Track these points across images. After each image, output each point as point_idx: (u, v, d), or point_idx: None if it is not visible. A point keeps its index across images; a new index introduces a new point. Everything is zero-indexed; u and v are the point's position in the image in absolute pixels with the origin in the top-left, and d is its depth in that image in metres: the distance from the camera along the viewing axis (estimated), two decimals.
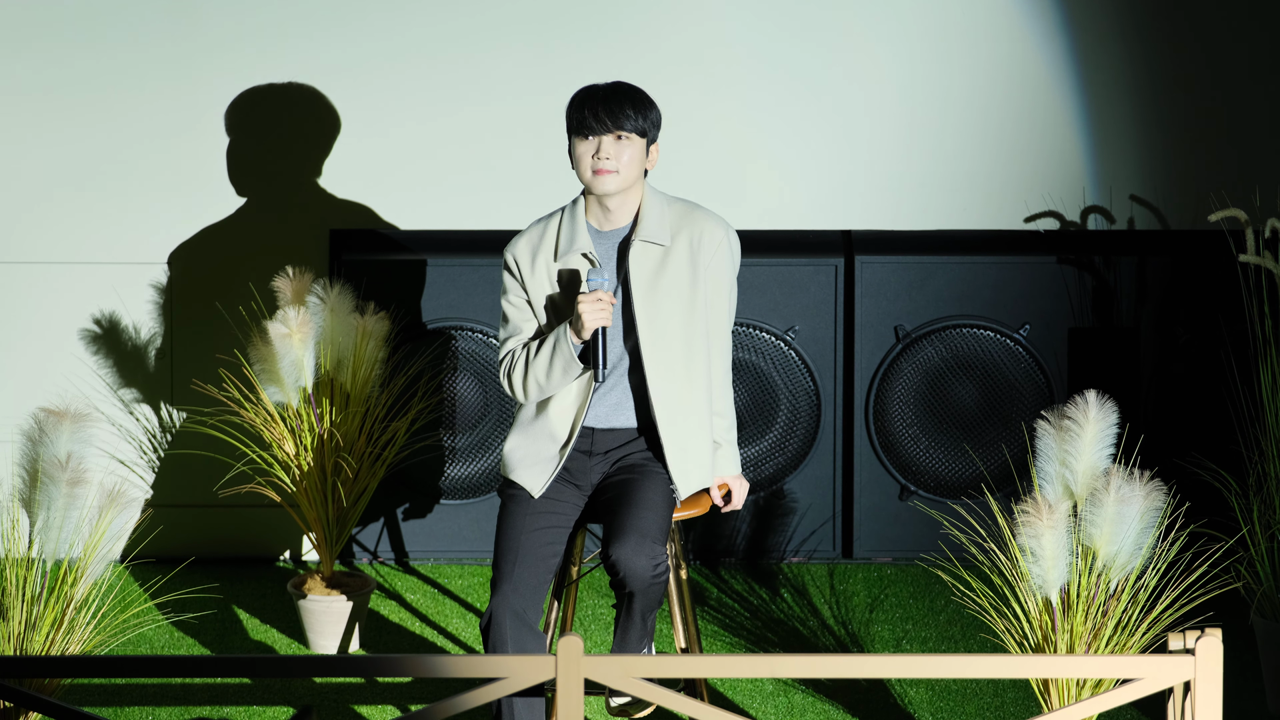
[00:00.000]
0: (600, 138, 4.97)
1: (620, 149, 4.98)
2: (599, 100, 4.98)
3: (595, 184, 4.99)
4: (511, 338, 5.08)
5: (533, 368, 5.01)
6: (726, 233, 5.07)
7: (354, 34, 6.66)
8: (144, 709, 5.61)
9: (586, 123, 4.97)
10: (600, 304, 4.92)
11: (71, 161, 6.66)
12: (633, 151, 4.98)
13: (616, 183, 4.98)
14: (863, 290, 6.66)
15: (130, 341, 6.72)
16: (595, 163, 4.98)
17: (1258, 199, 6.62)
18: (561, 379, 4.99)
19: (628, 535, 4.84)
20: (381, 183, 6.72)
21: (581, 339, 4.95)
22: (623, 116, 4.96)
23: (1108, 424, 4.86)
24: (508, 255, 5.09)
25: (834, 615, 6.30)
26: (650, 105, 5.02)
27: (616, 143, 4.98)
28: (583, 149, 4.99)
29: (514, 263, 5.08)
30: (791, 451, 6.70)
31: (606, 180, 4.98)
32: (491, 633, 4.84)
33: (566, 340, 4.95)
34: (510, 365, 5.06)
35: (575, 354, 4.95)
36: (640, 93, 5.02)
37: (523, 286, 5.07)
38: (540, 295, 5.07)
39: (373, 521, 6.73)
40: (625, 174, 4.98)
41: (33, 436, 4.92)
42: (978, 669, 4.11)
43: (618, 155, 4.98)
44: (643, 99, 5.01)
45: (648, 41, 6.67)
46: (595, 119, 4.96)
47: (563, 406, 5.06)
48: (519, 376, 5.04)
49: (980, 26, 6.69)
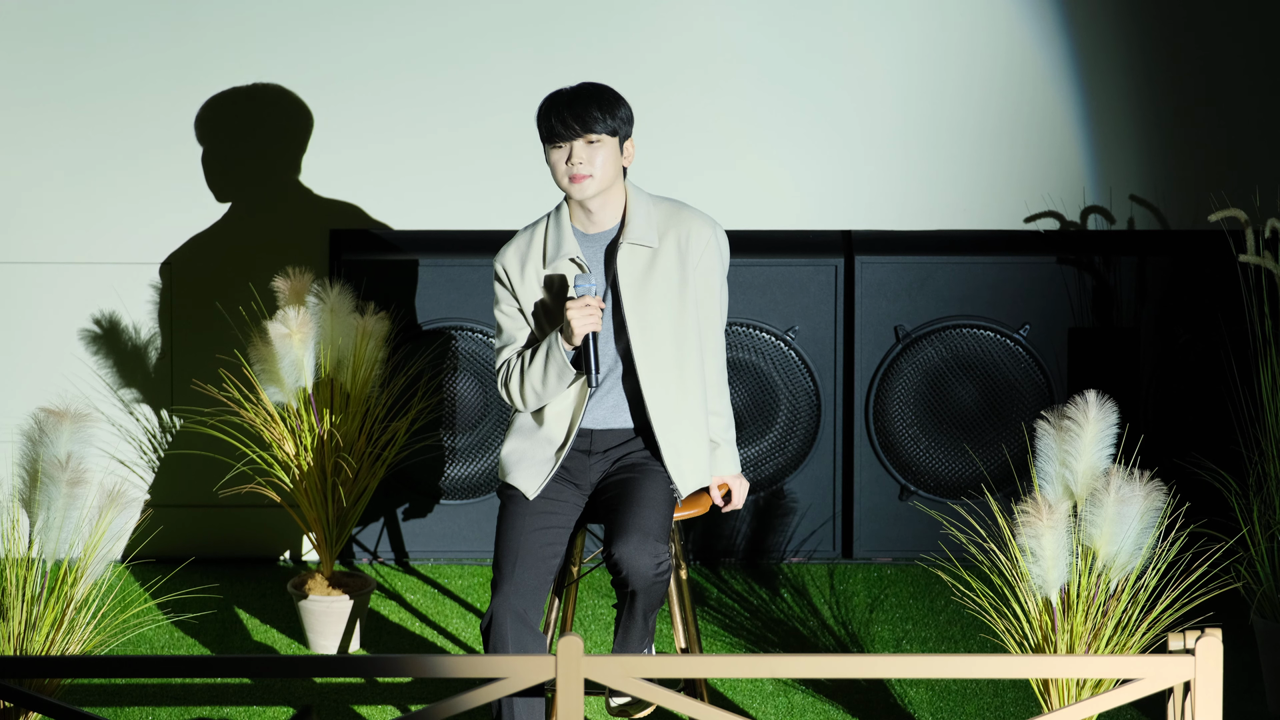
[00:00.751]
0: (571, 144, 4.96)
1: (593, 152, 4.97)
2: (565, 106, 4.95)
3: (573, 190, 4.99)
4: (507, 347, 5.08)
5: (528, 377, 5.01)
6: (714, 231, 5.07)
7: (354, 36, 6.66)
8: (144, 709, 5.61)
9: (555, 130, 4.95)
10: (589, 309, 4.92)
11: (72, 161, 6.66)
12: (606, 153, 4.97)
13: (594, 186, 4.98)
14: (863, 290, 6.66)
15: (130, 341, 6.72)
16: (570, 169, 4.97)
17: (1258, 199, 6.62)
18: (557, 386, 4.99)
19: (630, 534, 4.84)
20: (382, 183, 6.71)
21: (572, 345, 4.95)
22: (590, 119, 4.95)
23: (1108, 424, 4.86)
24: (497, 265, 5.09)
25: (834, 615, 6.30)
26: (618, 103, 4.99)
27: (588, 147, 4.96)
28: (556, 156, 4.98)
29: (504, 272, 5.08)
30: (791, 451, 6.70)
31: (584, 185, 4.97)
32: (492, 634, 4.84)
33: (558, 347, 4.95)
34: (507, 375, 5.07)
35: (568, 360, 4.95)
36: (606, 92, 4.99)
37: (514, 295, 5.08)
38: (531, 302, 5.07)
39: (373, 521, 6.73)
40: (601, 176, 4.98)
41: (33, 436, 4.92)
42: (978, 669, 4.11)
43: (590, 159, 4.96)
44: (609, 98, 4.98)
45: (648, 42, 6.67)
46: (564, 125, 4.94)
47: (559, 410, 5.06)
48: (515, 386, 5.05)
49: (980, 26, 6.69)
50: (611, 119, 4.96)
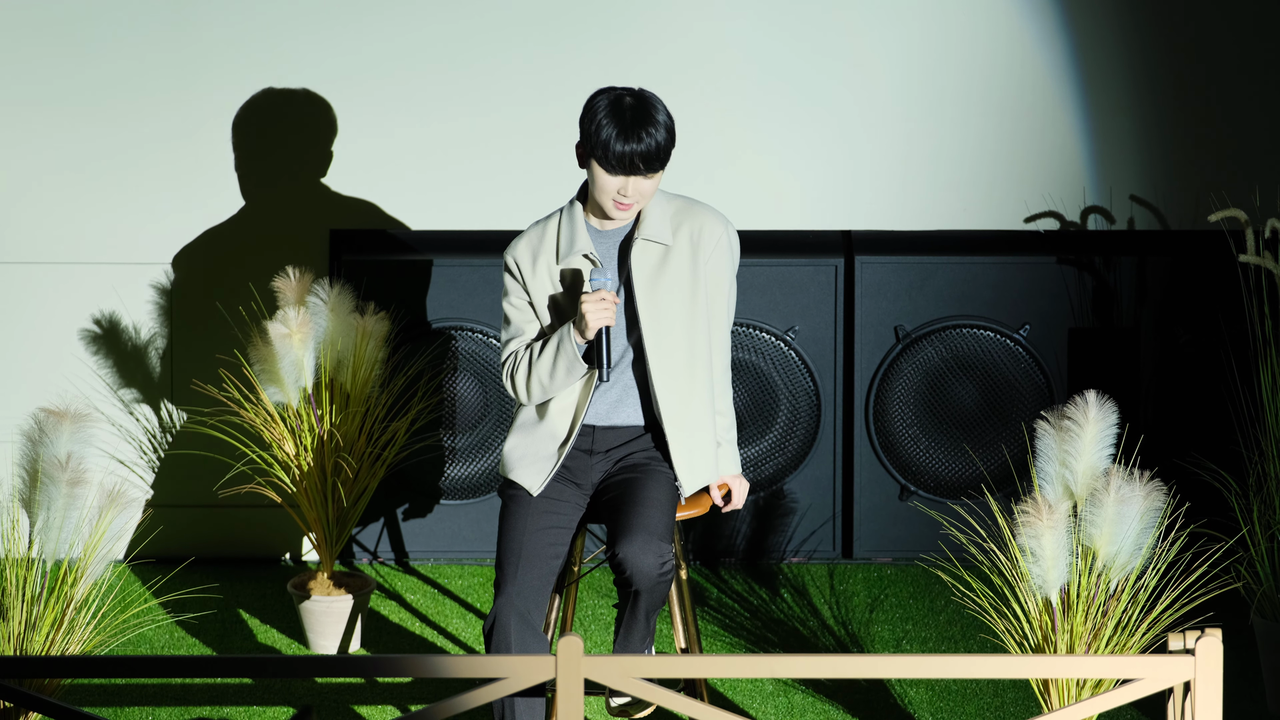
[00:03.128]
0: (630, 178, 4.95)
1: (645, 184, 4.94)
2: (635, 140, 4.85)
3: (615, 214, 4.96)
4: (514, 339, 5.07)
5: (536, 369, 5.00)
6: (726, 228, 5.07)
7: (353, 35, 6.66)
8: (144, 709, 5.61)
9: (621, 165, 4.87)
10: (604, 303, 4.91)
11: (72, 161, 6.66)
12: (655, 182, 4.96)
13: (634, 213, 4.98)
14: (863, 290, 6.66)
15: (130, 341, 6.72)
16: (621, 197, 4.94)
17: (1258, 199, 6.63)
18: (565, 379, 4.99)
19: (634, 533, 4.83)
20: (382, 183, 6.72)
21: (586, 339, 4.94)
22: (656, 161, 4.90)
23: (1108, 424, 4.86)
24: (508, 258, 5.08)
25: (834, 615, 6.30)
26: (674, 133, 4.92)
27: (645, 180, 4.94)
28: (607, 182, 4.91)
29: (515, 265, 5.07)
30: (791, 451, 6.70)
31: (628, 213, 4.97)
32: (496, 635, 4.83)
33: (570, 340, 4.94)
34: (513, 366, 5.05)
35: (579, 354, 4.95)
36: (670, 126, 4.91)
37: (524, 288, 5.07)
38: (542, 296, 5.06)
39: (373, 521, 6.73)
40: (643, 203, 4.97)
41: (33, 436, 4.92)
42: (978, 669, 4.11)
43: (640, 190, 4.94)
44: (672, 132, 4.91)
45: (650, 42, 6.67)
46: (631, 166, 4.87)
47: (563, 405, 5.05)
48: (522, 378, 5.03)
49: (980, 26, 6.70)
50: (669, 154, 4.93)
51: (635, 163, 4.88)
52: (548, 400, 5.06)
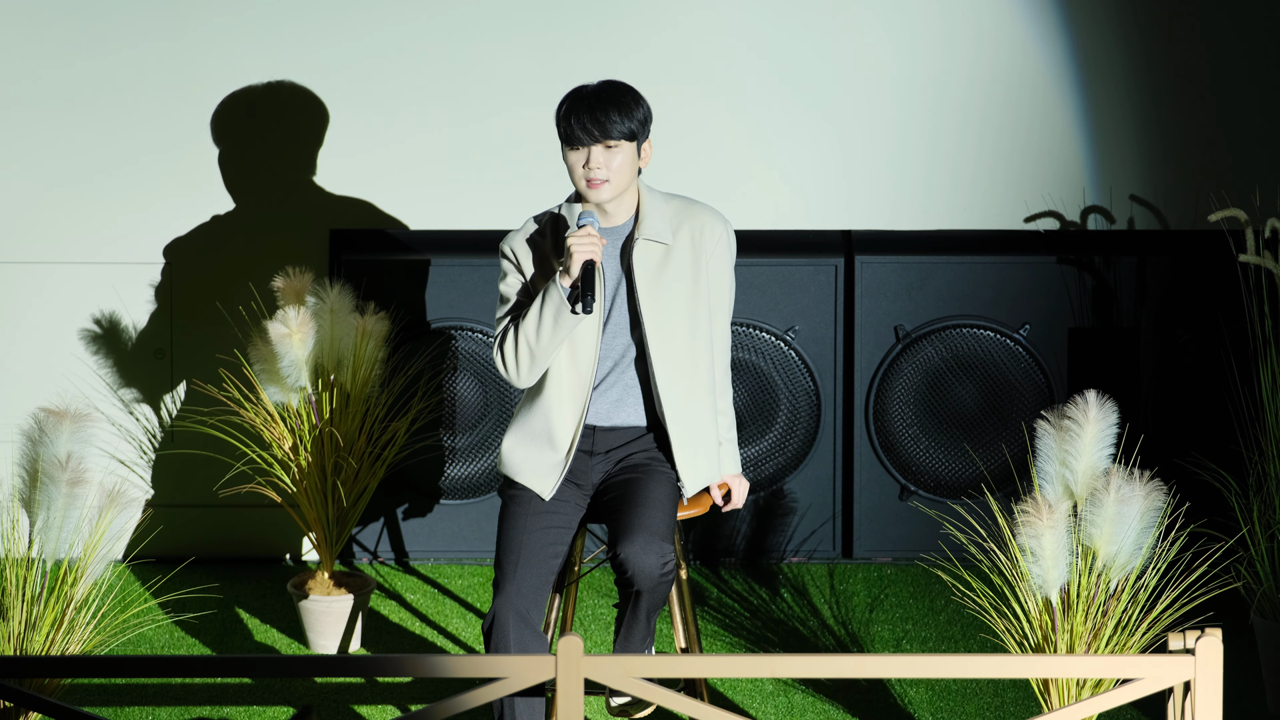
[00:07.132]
0: (589, 148, 4.95)
1: (610, 157, 4.95)
2: (585, 110, 4.93)
3: (589, 194, 4.98)
4: (508, 317, 5.06)
5: (523, 328, 4.96)
6: (725, 227, 5.08)
7: (353, 35, 6.65)
8: (144, 709, 5.61)
9: (574, 134, 4.93)
10: (590, 238, 4.90)
11: (71, 161, 6.66)
12: (623, 157, 4.96)
13: (610, 191, 4.97)
14: (863, 290, 6.66)
15: (130, 341, 6.72)
16: (587, 173, 4.96)
17: (1258, 199, 6.62)
18: (553, 331, 4.93)
19: (636, 534, 4.83)
20: (382, 183, 6.72)
21: (572, 276, 4.90)
22: (609, 124, 4.93)
23: (1108, 424, 4.86)
24: (505, 247, 5.08)
25: (834, 615, 6.30)
26: (636, 104, 4.97)
27: (606, 152, 4.95)
28: (574, 159, 4.97)
29: (512, 252, 5.08)
30: (791, 451, 6.70)
31: (600, 190, 4.97)
32: (495, 635, 4.84)
33: (556, 285, 4.92)
34: (503, 336, 5.03)
35: (565, 296, 4.92)
36: (626, 95, 4.97)
37: (520, 271, 5.07)
38: (538, 282, 5.06)
39: (373, 521, 6.73)
40: (617, 181, 4.97)
41: (33, 436, 4.92)
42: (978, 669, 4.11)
43: (608, 164, 4.95)
44: (628, 101, 4.96)
45: (648, 41, 6.67)
46: (583, 130, 4.93)
47: (563, 407, 5.05)
48: (510, 344, 4.99)
49: (980, 26, 6.69)
50: (630, 122, 4.94)
51: (588, 126, 4.90)
52: (548, 401, 5.04)
